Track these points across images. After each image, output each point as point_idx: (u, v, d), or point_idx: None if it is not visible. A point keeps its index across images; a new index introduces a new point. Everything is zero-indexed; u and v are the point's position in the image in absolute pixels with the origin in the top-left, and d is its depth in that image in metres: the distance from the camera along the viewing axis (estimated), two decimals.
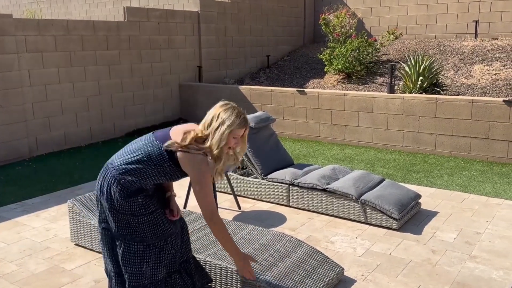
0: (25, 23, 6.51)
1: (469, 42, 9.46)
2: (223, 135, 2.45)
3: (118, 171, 2.52)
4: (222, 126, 2.46)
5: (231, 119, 2.48)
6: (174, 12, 8.63)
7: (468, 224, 4.14)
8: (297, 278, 2.95)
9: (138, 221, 2.54)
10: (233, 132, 2.48)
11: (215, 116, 2.51)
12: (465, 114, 6.19)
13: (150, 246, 2.57)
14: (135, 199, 2.52)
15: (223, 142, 2.45)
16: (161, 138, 2.53)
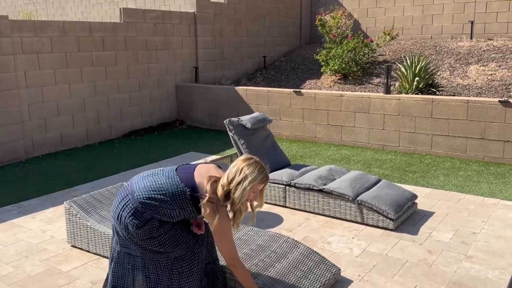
0: (21, 24, 6.50)
1: (464, 42, 9.50)
2: (245, 190, 2.49)
3: (139, 204, 2.56)
4: (244, 181, 2.49)
5: (253, 175, 2.52)
6: (171, 13, 8.63)
7: (464, 224, 4.15)
8: (293, 279, 2.96)
9: (159, 242, 2.60)
10: (254, 187, 2.53)
11: (238, 170, 2.53)
12: (461, 114, 6.21)
13: (178, 259, 2.65)
14: (151, 223, 2.58)
15: (245, 198, 2.51)
16: (185, 181, 2.57)
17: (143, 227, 2.56)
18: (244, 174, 2.50)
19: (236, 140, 4.80)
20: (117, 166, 6.17)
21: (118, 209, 2.63)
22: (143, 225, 2.56)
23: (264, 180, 2.57)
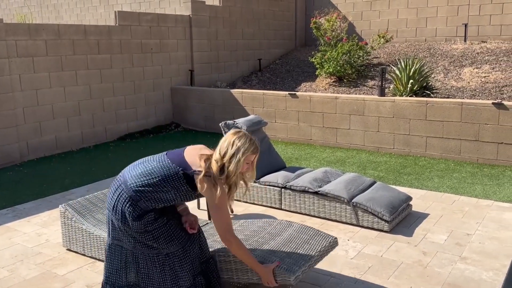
0: (16, 27, 6.49)
1: (458, 45, 9.56)
2: (239, 162, 2.55)
3: (133, 192, 2.57)
4: (238, 153, 2.55)
5: (246, 145, 2.58)
6: (166, 16, 8.64)
7: (458, 226, 4.18)
8: (289, 250, 2.95)
9: (153, 236, 2.62)
10: (247, 158, 2.59)
11: (230, 144, 2.58)
12: (455, 116, 6.25)
13: (169, 255, 2.66)
14: (147, 216, 2.59)
15: (239, 170, 2.57)
16: (177, 162, 2.60)
17: (140, 220, 2.57)
18: (236, 146, 2.56)
19: None
20: (113, 169, 6.17)
21: (113, 200, 2.64)
22: (140, 216, 2.57)
23: (256, 151, 2.64)
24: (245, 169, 2.64)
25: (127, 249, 2.69)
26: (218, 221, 2.61)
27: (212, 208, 2.61)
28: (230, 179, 2.57)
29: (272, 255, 2.88)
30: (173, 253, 2.66)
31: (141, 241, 2.63)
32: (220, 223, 2.61)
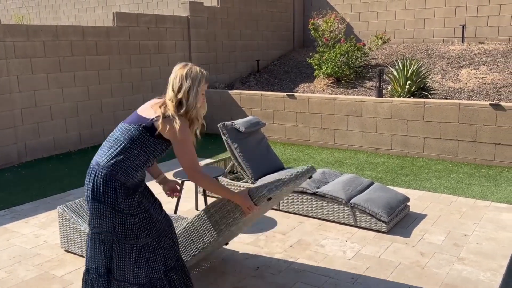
0: (14, 28, 6.48)
1: (456, 46, 9.59)
2: (197, 93, 2.56)
3: (108, 168, 2.54)
4: (194, 85, 2.55)
5: (199, 76, 2.58)
6: (164, 17, 8.65)
7: (456, 227, 4.19)
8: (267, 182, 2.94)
9: (134, 221, 2.58)
10: (202, 89, 2.59)
11: (182, 78, 2.56)
12: (453, 117, 6.27)
13: (144, 246, 2.62)
14: (133, 197, 2.57)
15: (198, 101, 2.57)
16: (134, 121, 2.59)
17: (124, 198, 2.54)
18: (190, 78, 2.56)
19: (229, 144, 4.82)
20: None
21: (91, 183, 2.59)
22: (124, 196, 2.54)
23: (207, 79, 2.64)
24: (202, 101, 2.63)
25: (106, 237, 2.64)
26: (183, 157, 2.57)
27: (176, 146, 2.56)
28: (191, 112, 2.55)
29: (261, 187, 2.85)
30: (148, 244, 2.63)
31: (122, 222, 2.57)
32: (185, 159, 2.57)
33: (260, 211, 2.98)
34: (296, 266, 3.50)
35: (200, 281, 3.30)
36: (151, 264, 2.65)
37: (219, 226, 2.90)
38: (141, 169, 2.61)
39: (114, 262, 2.64)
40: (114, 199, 2.54)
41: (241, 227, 2.96)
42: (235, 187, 4.86)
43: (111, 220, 2.58)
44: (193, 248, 3.00)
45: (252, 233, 4.12)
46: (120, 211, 2.56)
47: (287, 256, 3.66)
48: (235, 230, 2.97)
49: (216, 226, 2.91)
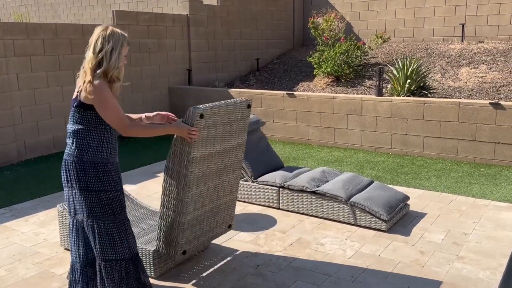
0: (13, 26, 6.47)
1: (456, 45, 9.59)
2: (120, 55, 2.63)
3: (73, 155, 2.65)
4: (116, 46, 2.61)
5: (120, 38, 2.64)
6: (164, 16, 8.64)
7: (455, 225, 4.19)
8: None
9: (109, 197, 2.68)
10: (124, 50, 2.68)
11: (104, 39, 2.61)
12: (452, 116, 6.27)
13: (121, 222, 2.73)
14: (105, 174, 2.66)
15: (120, 62, 2.64)
16: (71, 105, 2.71)
17: (96, 173, 2.64)
18: (113, 40, 2.61)
19: None
20: None
21: (64, 174, 2.70)
22: (95, 171, 2.64)
23: (129, 42, 2.72)
24: (125, 61, 2.71)
25: (82, 221, 2.72)
26: (109, 117, 2.63)
27: (99, 108, 2.61)
28: (112, 72, 2.61)
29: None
30: (123, 221, 2.74)
31: (99, 200, 2.66)
32: (112, 118, 2.63)
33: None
34: (296, 265, 3.50)
35: (199, 280, 3.30)
36: (130, 238, 2.77)
37: (182, 174, 2.96)
38: (105, 142, 2.69)
39: (97, 244, 2.70)
40: (86, 179, 2.63)
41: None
42: None
43: (86, 201, 2.66)
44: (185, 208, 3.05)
45: (252, 231, 4.12)
46: (93, 190, 2.64)
47: (287, 255, 3.66)
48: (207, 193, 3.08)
49: (180, 175, 2.98)
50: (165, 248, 3.18)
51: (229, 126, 3.12)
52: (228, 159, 3.23)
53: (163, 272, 3.36)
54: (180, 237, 3.10)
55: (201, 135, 2.92)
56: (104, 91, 2.59)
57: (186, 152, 2.91)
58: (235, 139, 3.24)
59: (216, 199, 3.29)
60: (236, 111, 3.14)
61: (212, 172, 3.12)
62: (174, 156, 2.99)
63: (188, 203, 3.03)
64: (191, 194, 3.02)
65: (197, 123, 2.85)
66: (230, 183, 3.33)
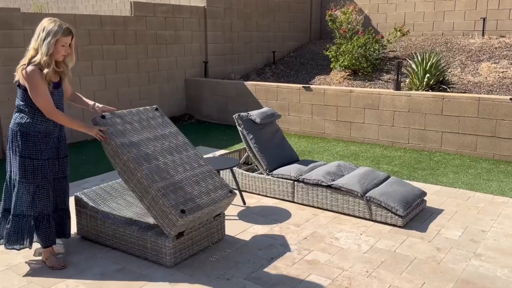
0: (33, 17, 6.54)
1: (476, 39, 9.41)
2: (50, 43, 2.98)
3: (13, 126, 3.19)
4: (48, 36, 2.98)
5: (55, 29, 3.00)
6: (181, 7, 8.64)
7: (473, 222, 4.13)
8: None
9: (33, 164, 3.18)
10: (60, 41, 3.02)
11: (41, 29, 3.01)
12: (472, 112, 6.17)
13: (39, 187, 3.23)
14: (34, 144, 3.16)
15: (51, 50, 2.99)
16: (16, 83, 3.15)
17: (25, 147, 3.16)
18: (47, 30, 2.99)
19: (245, 135, 4.81)
20: None
21: (9, 140, 3.21)
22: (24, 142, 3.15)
23: (67, 33, 3.04)
24: (65, 52, 3.08)
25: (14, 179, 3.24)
26: (38, 100, 3.04)
27: (29, 91, 3.03)
28: (41, 59, 2.98)
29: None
30: (42, 186, 3.23)
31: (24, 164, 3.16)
32: (39, 102, 3.05)
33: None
34: (310, 258, 3.49)
35: (214, 271, 3.31)
36: (44, 201, 3.25)
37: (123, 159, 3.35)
38: (39, 118, 3.14)
39: (13, 199, 3.22)
40: (19, 146, 3.15)
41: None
42: (250, 178, 4.86)
43: (16, 164, 3.18)
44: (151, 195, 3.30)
45: (266, 224, 4.12)
46: (22, 155, 3.15)
47: (301, 248, 3.65)
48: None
49: (122, 162, 3.37)
50: (165, 221, 3.20)
51: (145, 122, 3.67)
52: (169, 143, 3.65)
53: (178, 262, 3.38)
54: (167, 202, 3.17)
55: (116, 130, 3.40)
56: (34, 77, 2.99)
57: (111, 144, 3.36)
58: (161, 130, 3.71)
59: (184, 171, 3.51)
60: (144, 113, 3.75)
61: (157, 151, 3.50)
62: (109, 154, 3.41)
63: (147, 174, 3.27)
64: (146, 168, 3.31)
65: (101, 122, 3.39)
66: (190, 158, 3.66)
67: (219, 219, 3.72)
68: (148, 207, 3.29)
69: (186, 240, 3.41)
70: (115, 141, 3.33)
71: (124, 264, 3.41)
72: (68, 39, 3.05)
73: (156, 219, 3.27)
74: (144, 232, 3.39)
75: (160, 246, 3.31)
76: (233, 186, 5.01)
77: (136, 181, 3.30)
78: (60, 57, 3.10)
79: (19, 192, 3.22)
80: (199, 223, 3.50)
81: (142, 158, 3.35)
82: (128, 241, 3.49)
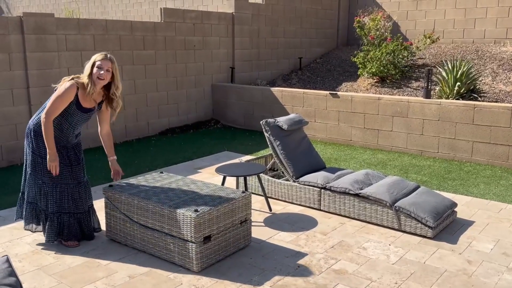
0: (66, 22, 6.70)
1: (508, 47, 9.19)
2: (87, 67, 3.59)
3: (33, 125, 3.66)
4: (88, 62, 3.60)
5: (94, 56, 3.60)
6: (209, 14, 8.72)
7: (505, 235, 4.02)
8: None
9: (43, 163, 3.62)
10: (96, 64, 3.56)
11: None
12: (504, 121, 6.02)
13: (45, 184, 3.65)
14: (43, 144, 3.58)
15: (88, 71, 3.57)
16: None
17: (38, 147, 3.64)
18: (91, 58, 3.62)
19: (271, 141, 4.80)
20: (154, 163, 6.28)
21: (26, 137, 3.71)
22: (38, 142, 3.63)
23: (101, 58, 3.57)
24: (96, 73, 3.54)
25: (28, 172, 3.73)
26: (49, 103, 3.51)
27: (52, 96, 3.54)
28: (84, 80, 3.57)
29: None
30: (48, 184, 3.65)
31: (34, 162, 3.64)
32: (49, 105, 3.51)
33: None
34: (337, 267, 3.45)
35: (240, 277, 3.30)
36: (48, 197, 3.65)
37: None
38: (59, 127, 3.62)
39: (27, 187, 3.73)
40: (31, 142, 3.63)
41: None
42: (276, 185, 4.84)
43: (29, 158, 3.64)
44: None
45: (292, 231, 4.10)
46: (34, 152, 3.62)
47: (328, 257, 3.62)
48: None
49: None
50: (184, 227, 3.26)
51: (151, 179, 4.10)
52: (176, 184, 3.97)
53: (204, 267, 3.39)
54: (181, 211, 3.29)
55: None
56: (68, 89, 3.53)
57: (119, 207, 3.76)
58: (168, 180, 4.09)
59: (194, 192, 3.81)
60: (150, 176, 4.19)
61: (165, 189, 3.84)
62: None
63: (157, 201, 3.55)
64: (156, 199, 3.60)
65: (108, 190, 3.82)
66: (199, 186, 3.95)
67: (246, 225, 3.72)
68: (170, 229, 3.44)
69: (213, 245, 3.42)
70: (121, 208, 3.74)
71: (152, 267, 3.44)
72: (103, 62, 3.55)
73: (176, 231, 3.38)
74: (172, 237, 3.41)
75: (187, 251, 3.33)
76: (259, 192, 5.00)
77: (151, 214, 3.51)
78: (95, 80, 3.56)
79: (29, 182, 3.69)
80: (224, 227, 3.50)
81: (151, 195, 3.64)
82: (156, 244, 3.53)
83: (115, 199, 3.74)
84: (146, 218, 3.55)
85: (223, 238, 3.51)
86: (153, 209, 3.48)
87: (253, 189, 5.05)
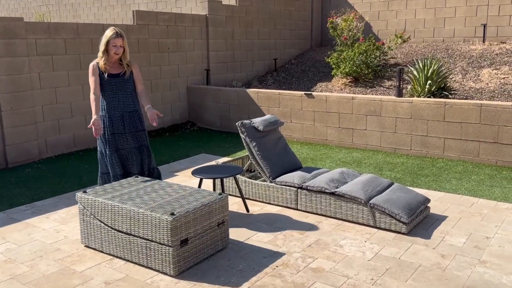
0: (36, 26, 6.57)
1: (477, 46, 9.44)
2: (102, 43, 4.17)
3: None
4: (102, 39, 4.18)
5: (108, 34, 4.15)
6: (183, 16, 8.68)
7: (477, 229, 4.12)
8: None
9: (105, 136, 4.32)
10: (110, 42, 4.14)
11: (103, 36, 4.20)
12: (474, 118, 6.17)
13: (101, 153, 4.38)
14: (102, 119, 4.31)
15: (103, 47, 4.16)
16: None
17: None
18: (104, 35, 4.18)
19: (248, 142, 4.82)
20: None
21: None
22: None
23: (115, 36, 4.13)
24: (115, 50, 4.13)
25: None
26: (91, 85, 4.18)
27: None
28: (99, 56, 4.20)
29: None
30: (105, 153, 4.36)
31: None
32: (91, 86, 4.17)
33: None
34: (314, 266, 3.48)
35: (218, 279, 3.30)
36: (108, 164, 4.35)
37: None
38: (102, 101, 4.30)
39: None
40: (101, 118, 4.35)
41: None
42: (253, 186, 4.86)
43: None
44: None
45: (270, 232, 4.12)
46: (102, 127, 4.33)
47: (305, 256, 3.65)
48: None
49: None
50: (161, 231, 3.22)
51: (126, 184, 4.13)
52: (151, 188, 3.98)
53: (182, 271, 3.38)
54: (157, 215, 3.29)
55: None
56: (90, 69, 4.23)
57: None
58: (143, 184, 4.12)
59: (169, 195, 3.79)
60: (125, 181, 4.26)
61: (140, 194, 3.83)
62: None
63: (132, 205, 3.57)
64: (130, 204, 3.59)
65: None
66: (174, 188, 4.03)
67: (223, 227, 3.72)
68: (146, 233, 3.43)
69: (190, 248, 3.41)
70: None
71: (128, 272, 3.41)
72: (117, 40, 4.13)
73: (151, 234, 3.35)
74: (148, 241, 3.39)
75: (164, 255, 3.31)
76: (236, 193, 5.01)
77: (126, 218, 3.51)
78: (113, 55, 4.15)
79: (98, 153, 4.46)
80: (201, 230, 3.49)
81: (127, 199, 3.62)
82: (132, 249, 3.49)
83: (90, 204, 3.69)
84: (122, 223, 3.51)
85: (200, 240, 3.50)
86: (128, 213, 3.45)
87: (230, 191, 5.05)
